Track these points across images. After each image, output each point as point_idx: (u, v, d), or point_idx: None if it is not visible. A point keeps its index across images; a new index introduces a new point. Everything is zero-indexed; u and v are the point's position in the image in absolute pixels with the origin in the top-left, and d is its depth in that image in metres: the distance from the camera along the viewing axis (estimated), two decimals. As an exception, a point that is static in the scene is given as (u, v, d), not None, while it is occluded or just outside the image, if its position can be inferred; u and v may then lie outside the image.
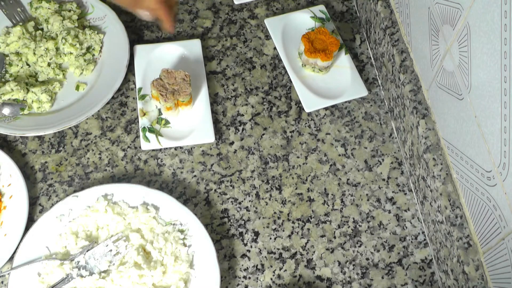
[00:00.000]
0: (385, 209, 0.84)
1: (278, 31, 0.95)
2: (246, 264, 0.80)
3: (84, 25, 0.94)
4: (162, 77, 0.85)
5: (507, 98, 0.57)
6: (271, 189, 0.85)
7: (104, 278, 0.75)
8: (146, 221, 0.79)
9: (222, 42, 0.97)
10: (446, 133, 0.75)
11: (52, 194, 0.84)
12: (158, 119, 0.87)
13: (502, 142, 0.59)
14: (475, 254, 0.70)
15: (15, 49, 0.90)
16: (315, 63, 0.90)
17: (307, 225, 0.83)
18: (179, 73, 0.85)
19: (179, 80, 0.85)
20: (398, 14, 0.86)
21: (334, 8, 1.00)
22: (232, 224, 0.83)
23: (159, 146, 0.85)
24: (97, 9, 0.95)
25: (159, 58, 0.92)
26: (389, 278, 0.80)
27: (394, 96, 0.87)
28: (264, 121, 0.90)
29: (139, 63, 0.91)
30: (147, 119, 0.87)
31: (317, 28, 0.91)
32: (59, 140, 0.87)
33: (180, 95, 0.84)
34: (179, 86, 0.84)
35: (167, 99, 0.83)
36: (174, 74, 0.85)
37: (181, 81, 0.85)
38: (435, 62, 0.75)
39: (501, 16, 0.55)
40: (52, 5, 0.93)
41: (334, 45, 0.89)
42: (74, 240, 0.77)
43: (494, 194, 0.63)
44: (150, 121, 0.87)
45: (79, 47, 0.90)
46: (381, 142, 0.89)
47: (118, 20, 0.93)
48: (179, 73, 0.85)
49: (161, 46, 0.93)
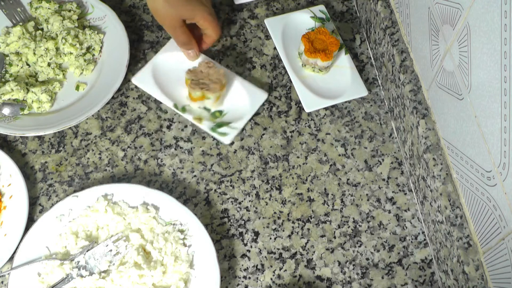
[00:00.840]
0: (385, 209, 0.84)
1: (278, 31, 0.95)
2: (246, 264, 0.80)
3: (84, 25, 0.94)
4: (200, 67, 0.85)
5: (507, 98, 0.57)
6: (271, 189, 0.85)
7: (104, 278, 0.75)
8: (146, 221, 0.79)
9: (222, 42, 0.97)
10: (446, 133, 0.75)
11: (52, 194, 0.84)
12: (212, 114, 0.87)
13: (502, 142, 0.59)
14: (475, 254, 0.70)
15: (15, 49, 0.90)
16: (315, 63, 0.90)
17: (307, 225, 0.83)
18: (217, 71, 0.85)
19: (213, 78, 0.84)
20: (398, 14, 0.86)
21: (334, 8, 1.00)
22: (232, 224, 0.83)
23: (239, 132, 0.87)
24: (97, 9, 0.95)
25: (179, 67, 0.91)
26: (389, 278, 0.80)
27: (394, 96, 0.87)
28: (264, 121, 0.90)
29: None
30: (206, 121, 0.87)
31: (317, 28, 0.91)
32: (59, 140, 0.87)
33: (208, 91, 0.84)
34: (210, 83, 0.84)
35: (193, 88, 0.83)
36: (211, 69, 0.85)
37: (214, 80, 0.84)
38: (435, 62, 0.75)
39: (501, 16, 0.55)
40: (52, 5, 0.93)
41: (334, 45, 0.89)
42: (74, 240, 0.77)
43: (494, 194, 0.63)
44: (210, 120, 0.87)
45: (79, 47, 0.90)
46: (381, 142, 0.89)
47: (118, 20, 0.93)
48: (217, 71, 0.85)
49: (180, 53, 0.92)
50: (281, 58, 0.93)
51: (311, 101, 0.89)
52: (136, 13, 0.99)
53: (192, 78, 0.85)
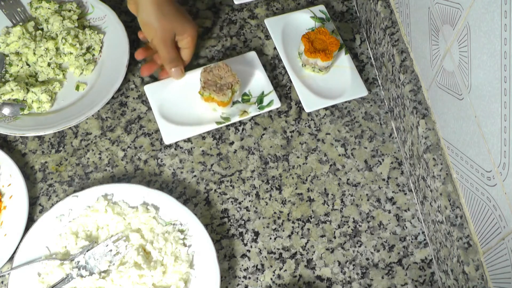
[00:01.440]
0: (385, 209, 0.84)
1: (278, 31, 0.95)
2: (246, 264, 0.80)
3: (84, 25, 0.94)
4: (216, 67, 0.84)
5: (507, 98, 0.57)
6: (271, 189, 0.85)
7: (104, 278, 0.75)
8: (146, 221, 0.79)
9: (222, 42, 0.97)
10: (446, 133, 0.75)
11: (52, 194, 0.84)
12: (244, 100, 0.89)
13: (502, 142, 0.59)
14: (475, 254, 0.70)
15: (15, 49, 0.90)
16: (315, 63, 0.90)
17: (307, 225, 0.83)
18: (230, 76, 0.84)
19: (226, 81, 0.84)
20: (398, 14, 0.86)
21: (334, 8, 1.00)
22: (232, 224, 0.83)
23: (274, 92, 0.89)
24: (97, 9, 0.95)
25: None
26: (389, 278, 0.80)
27: (394, 96, 0.87)
28: (264, 121, 0.90)
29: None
30: (248, 108, 0.88)
31: (317, 28, 0.91)
32: (59, 140, 0.87)
33: (218, 93, 0.83)
34: (222, 85, 0.84)
35: (204, 88, 0.83)
36: (225, 73, 0.84)
37: (227, 83, 0.84)
38: (435, 62, 0.75)
39: (501, 16, 0.55)
40: (52, 5, 0.93)
41: (334, 45, 0.89)
42: (74, 240, 0.77)
43: (494, 194, 0.63)
44: (249, 105, 0.88)
45: (79, 47, 0.90)
46: (381, 142, 0.89)
47: (118, 20, 0.93)
48: (230, 75, 0.84)
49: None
50: (281, 58, 0.93)
51: (311, 101, 0.89)
52: (136, 13, 0.99)
53: (207, 78, 0.84)
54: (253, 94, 0.89)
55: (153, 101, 0.88)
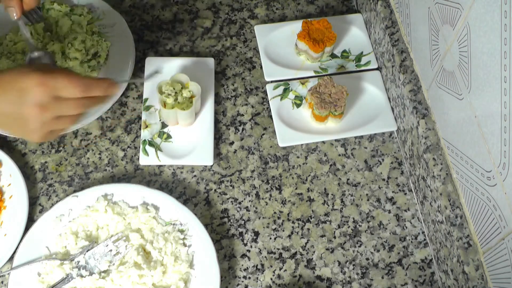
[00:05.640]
0: (385, 209, 0.84)
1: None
2: (246, 264, 0.80)
3: (93, 31, 0.93)
4: (321, 84, 0.85)
5: (507, 98, 0.57)
6: (271, 189, 0.85)
7: (104, 278, 0.75)
8: (146, 221, 0.79)
9: (222, 42, 0.97)
10: (446, 133, 0.75)
11: (52, 194, 0.84)
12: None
13: (502, 142, 0.59)
14: (475, 254, 0.70)
15: (21, 49, 0.89)
16: (306, 51, 0.90)
17: (307, 225, 0.83)
18: (337, 87, 0.85)
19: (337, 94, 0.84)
20: (398, 14, 0.86)
21: (334, 8, 1.00)
22: (232, 224, 0.83)
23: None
24: (108, 17, 0.94)
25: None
26: (389, 278, 0.80)
27: (394, 96, 0.87)
28: (264, 121, 0.90)
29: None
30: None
31: (323, 19, 0.90)
32: (59, 140, 0.87)
33: (334, 108, 0.84)
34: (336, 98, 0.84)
35: (322, 108, 0.84)
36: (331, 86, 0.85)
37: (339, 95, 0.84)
38: (435, 62, 0.75)
39: (501, 16, 0.55)
40: (64, 7, 0.92)
41: (330, 40, 0.89)
42: (74, 240, 0.77)
43: (494, 194, 0.63)
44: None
45: (84, 52, 0.88)
46: (381, 142, 0.89)
47: (128, 29, 0.92)
48: (337, 87, 0.85)
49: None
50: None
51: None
52: (136, 13, 0.99)
53: (318, 98, 0.84)
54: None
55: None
